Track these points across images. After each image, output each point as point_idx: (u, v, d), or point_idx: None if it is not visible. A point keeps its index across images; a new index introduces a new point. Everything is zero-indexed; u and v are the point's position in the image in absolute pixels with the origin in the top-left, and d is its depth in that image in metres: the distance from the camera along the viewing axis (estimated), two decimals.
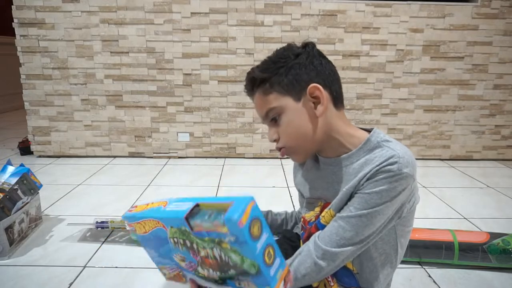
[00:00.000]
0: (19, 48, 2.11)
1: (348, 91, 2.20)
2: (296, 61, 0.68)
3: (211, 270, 0.63)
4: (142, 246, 0.68)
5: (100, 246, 1.24)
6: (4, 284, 1.03)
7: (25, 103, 2.20)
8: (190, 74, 2.19)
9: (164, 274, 0.71)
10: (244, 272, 0.55)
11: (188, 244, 0.60)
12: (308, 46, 0.70)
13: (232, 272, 0.59)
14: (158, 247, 0.67)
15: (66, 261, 1.15)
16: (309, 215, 0.78)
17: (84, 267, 1.12)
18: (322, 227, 0.70)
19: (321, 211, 0.74)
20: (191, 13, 2.10)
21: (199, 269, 0.64)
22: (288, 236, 0.92)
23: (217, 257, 0.57)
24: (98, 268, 1.11)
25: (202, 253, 0.59)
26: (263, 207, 1.57)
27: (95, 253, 1.19)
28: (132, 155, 2.30)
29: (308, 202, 0.80)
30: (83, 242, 1.27)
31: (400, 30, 2.14)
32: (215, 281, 0.64)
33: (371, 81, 2.21)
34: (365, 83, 2.21)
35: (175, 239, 0.61)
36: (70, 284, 1.04)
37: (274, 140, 0.72)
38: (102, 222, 1.28)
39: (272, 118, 0.70)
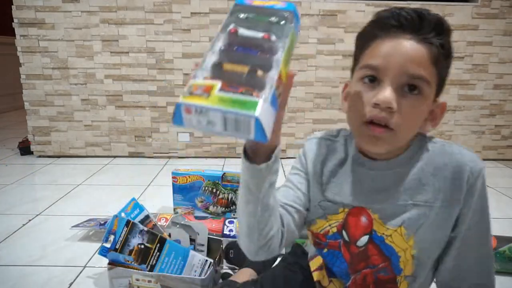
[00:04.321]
0: (19, 48, 2.11)
1: None
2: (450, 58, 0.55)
3: (218, 207, 1.34)
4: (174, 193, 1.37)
5: (101, 246, 1.24)
6: (4, 284, 1.03)
7: (25, 103, 2.19)
8: (190, 74, 2.18)
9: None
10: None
11: (214, 190, 1.33)
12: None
13: (234, 207, 1.34)
14: (189, 192, 1.36)
15: (66, 261, 1.15)
16: (322, 225, 0.65)
17: (84, 267, 1.12)
18: (388, 248, 0.59)
19: (347, 218, 0.62)
20: (191, 13, 2.10)
21: (210, 207, 1.35)
22: (289, 261, 0.80)
23: (229, 198, 1.32)
24: (98, 268, 1.11)
25: (220, 196, 1.32)
26: None
27: (95, 253, 1.19)
28: (132, 155, 2.30)
29: (319, 207, 0.64)
30: (86, 241, 1.27)
31: None
32: (217, 214, 1.34)
33: None
34: None
35: (207, 187, 1.34)
36: (70, 284, 1.04)
37: (387, 108, 0.50)
38: (105, 223, 1.28)
39: (414, 86, 0.51)
